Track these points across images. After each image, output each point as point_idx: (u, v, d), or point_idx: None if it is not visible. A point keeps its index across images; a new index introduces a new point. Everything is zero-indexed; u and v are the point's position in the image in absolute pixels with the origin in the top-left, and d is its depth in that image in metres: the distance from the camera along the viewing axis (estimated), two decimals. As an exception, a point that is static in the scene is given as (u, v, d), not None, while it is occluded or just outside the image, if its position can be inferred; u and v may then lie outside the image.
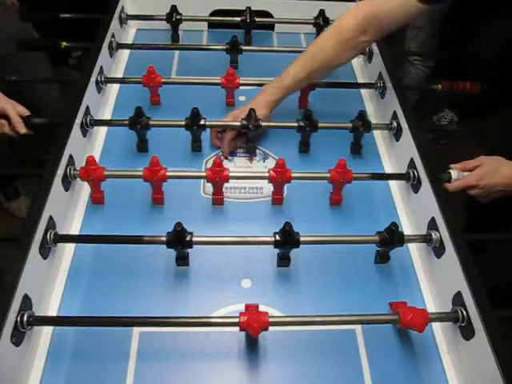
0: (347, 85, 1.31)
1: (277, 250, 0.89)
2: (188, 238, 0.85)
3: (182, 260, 0.90)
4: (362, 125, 1.11)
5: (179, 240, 0.85)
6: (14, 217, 1.99)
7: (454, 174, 0.97)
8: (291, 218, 0.90)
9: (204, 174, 0.97)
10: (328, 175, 0.98)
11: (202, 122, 1.07)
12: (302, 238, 0.86)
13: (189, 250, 0.88)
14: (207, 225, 0.98)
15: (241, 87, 1.22)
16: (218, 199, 1.02)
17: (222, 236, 0.90)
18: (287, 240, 0.86)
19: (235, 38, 1.31)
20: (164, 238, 0.85)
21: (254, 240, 0.89)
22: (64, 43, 1.33)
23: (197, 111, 1.06)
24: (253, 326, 0.73)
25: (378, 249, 0.91)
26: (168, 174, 0.96)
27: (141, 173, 0.96)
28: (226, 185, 1.00)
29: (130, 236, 0.88)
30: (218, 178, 0.97)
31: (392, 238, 0.88)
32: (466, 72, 1.32)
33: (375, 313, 0.81)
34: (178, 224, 0.84)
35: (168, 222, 0.86)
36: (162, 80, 1.19)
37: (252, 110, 1.06)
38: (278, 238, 0.86)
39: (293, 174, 0.97)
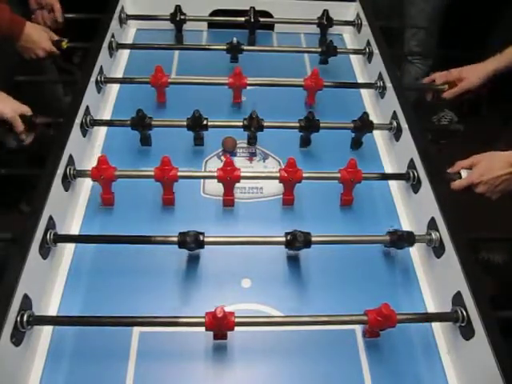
0: (347, 85, 1.31)
1: (277, 251, 0.89)
2: (201, 238, 0.84)
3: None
4: (363, 126, 1.11)
5: (192, 240, 0.84)
6: None
7: (463, 173, 0.98)
8: (293, 217, 0.91)
9: (214, 173, 0.97)
10: (338, 175, 0.98)
11: (204, 123, 1.08)
12: (313, 239, 0.86)
13: (188, 251, 0.88)
14: (209, 226, 0.97)
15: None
16: (228, 200, 1.01)
17: (233, 236, 0.89)
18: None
19: (236, 41, 1.31)
20: (160, 239, 0.85)
21: (264, 240, 0.90)
22: (65, 43, 1.33)
23: (199, 114, 1.06)
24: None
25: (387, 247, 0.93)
26: (179, 174, 0.96)
27: (152, 173, 0.95)
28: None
29: (130, 236, 0.88)
30: (229, 177, 0.96)
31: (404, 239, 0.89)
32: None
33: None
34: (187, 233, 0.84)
35: (169, 222, 0.86)
36: (169, 80, 1.19)
37: (253, 112, 1.07)
38: (289, 237, 0.86)
39: (303, 174, 0.97)
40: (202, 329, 0.75)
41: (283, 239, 0.86)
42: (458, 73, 1.25)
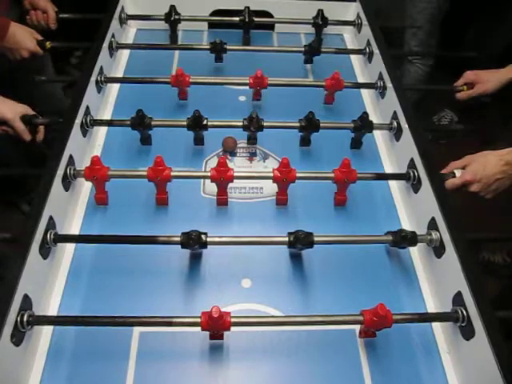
0: (347, 85, 1.31)
1: (277, 251, 0.89)
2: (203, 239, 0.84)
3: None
4: (363, 125, 1.11)
5: (195, 240, 0.84)
6: None
7: (457, 173, 0.98)
8: (293, 217, 0.90)
9: (208, 173, 0.97)
10: (332, 175, 0.98)
11: (204, 123, 1.08)
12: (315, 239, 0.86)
13: (188, 251, 0.88)
14: (209, 225, 0.97)
15: (240, 87, 1.23)
16: (222, 200, 1.01)
17: (236, 237, 0.89)
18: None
19: (219, 40, 1.32)
20: (163, 239, 0.85)
21: (268, 240, 0.90)
22: (48, 43, 1.33)
23: (199, 113, 1.06)
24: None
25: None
26: (172, 173, 0.96)
27: (145, 173, 0.95)
28: (225, 185, 0.99)
29: (130, 236, 0.88)
30: (222, 178, 0.96)
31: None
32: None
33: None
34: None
35: (169, 222, 0.86)
36: (191, 80, 1.19)
37: (253, 112, 1.07)
38: (291, 238, 0.86)
39: (297, 174, 0.97)
40: (199, 329, 0.75)
41: (286, 239, 0.86)
42: (474, 75, 1.26)
